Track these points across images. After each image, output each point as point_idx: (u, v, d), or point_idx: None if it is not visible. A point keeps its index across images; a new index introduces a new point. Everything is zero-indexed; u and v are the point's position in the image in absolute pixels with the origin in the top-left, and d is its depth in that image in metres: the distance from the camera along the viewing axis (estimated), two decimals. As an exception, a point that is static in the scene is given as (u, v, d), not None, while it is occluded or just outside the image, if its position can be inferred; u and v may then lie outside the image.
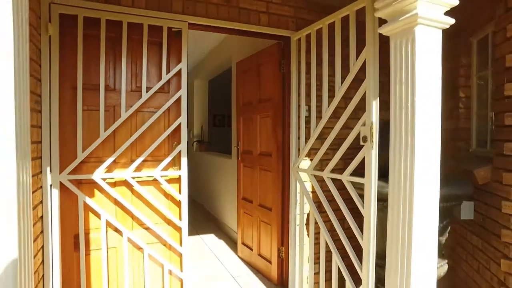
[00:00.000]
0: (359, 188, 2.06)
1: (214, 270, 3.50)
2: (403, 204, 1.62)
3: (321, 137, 2.52)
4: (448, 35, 2.49)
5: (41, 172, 2.01)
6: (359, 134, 2.04)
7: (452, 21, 1.55)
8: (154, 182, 2.41)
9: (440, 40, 1.55)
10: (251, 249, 3.56)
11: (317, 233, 2.62)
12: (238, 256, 3.82)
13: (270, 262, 3.20)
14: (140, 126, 2.34)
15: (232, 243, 4.23)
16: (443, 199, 2.20)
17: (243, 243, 3.75)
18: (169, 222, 2.48)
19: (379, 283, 2.09)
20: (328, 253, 2.47)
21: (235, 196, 4.08)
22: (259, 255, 3.40)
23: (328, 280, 2.52)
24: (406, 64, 1.56)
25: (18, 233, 0.91)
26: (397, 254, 1.67)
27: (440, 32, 1.56)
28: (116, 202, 2.32)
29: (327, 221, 2.48)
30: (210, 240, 4.44)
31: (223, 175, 4.80)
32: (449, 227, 2.36)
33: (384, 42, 1.86)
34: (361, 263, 2.05)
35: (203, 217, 5.57)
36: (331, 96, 2.36)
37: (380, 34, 1.78)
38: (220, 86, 6.13)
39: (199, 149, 6.17)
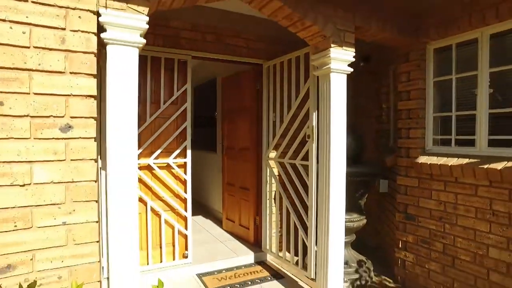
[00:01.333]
0: (305, 167, 3.21)
1: (206, 237, 4.57)
2: (325, 176, 2.77)
3: (283, 136, 3.65)
4: (377, 64, 3.74)
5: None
6: (305, 133, 3.19)
7: (349, 70, 2.72)
8: (167, 167, 3.45)
9: (345, 80, 2.72)
10: (234, 222, 4.66)
11: (279, 203, 3.75)
12: (223, 229, 4.90)
13: (248, 228, 4.31)
14: (158, 128, 3.38)
15: (217, 221, 5.30)
16: (361, 174, 3.41)
17: (227, 218, 4.85)
18: (177, 195, 3.53)
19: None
20: (288, 215, 3.60)
21: (219, 184, 5.16)
22: (240, 225, 4.51)
23: (287, 235, 3.65)
24: (326, 92, 2.71)
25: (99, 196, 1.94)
26: (321, 206, 2.82)
27: (345, 76, 2.72)
28: (140, 180, 3.34)
29: (288, 196, 3.61)
30: (199, 219, 5.49)
31: (209, 168, 5.86)
32: (367, 194, 3.57)
33: (319, 76, 3.01)
34: (307, 215, 3.20)
35: (193, 205, 6.58)
36: (289, 107, 3.50)
37: (315, 72, 2.93)
38: (204, 92, 7.14)
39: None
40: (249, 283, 3.43)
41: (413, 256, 3.32)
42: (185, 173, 3.53)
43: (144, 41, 1.91)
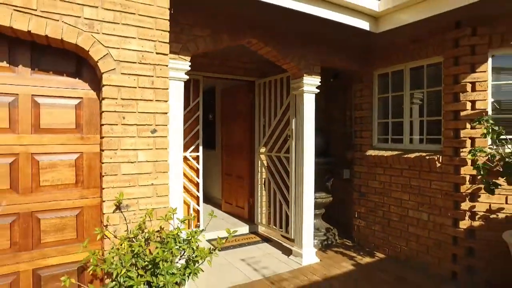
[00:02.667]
0: (287, 159, 4.45)
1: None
2: (300, 164, 4.01)
3: (270, 136, 4.87)
4: (344, 81, 4.96)
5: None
6: (287, 134, 4.42)
7: (316, 91, 3.97)
8: (185, 158, 4.61)
9: (314, 97, 3.96)
10: (231, 204, 5.86)
11: (268, 187, 4.98)
12: (223, 211, 6.09)
13: (243, 208, 5.52)
14: (178, 129, 4.53)
15: (217, 206, 6.47)
16: (327, 163, 4.69)
17: (226, 202, 6.04)
18: (191, 180, 4.70)
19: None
20: (275, 195, 4.83)
21: (218, 176, 6.34)
22: (237, 206, 5.71)
23: (274, 211, 4.88)
24: (301, 106, 3.95)
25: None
26: (298, 187, 4.06)
27: (314, 94, 3.97)
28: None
29: (275, 181, 4.84)
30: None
31: (209, 162, 7.02)
32: (332, 179, 4.84)
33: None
34: (289, 193, 4.44)
35: (192, 194, 7.72)
36: (275, 114, 4.73)
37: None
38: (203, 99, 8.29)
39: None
40: (246, 244, 4.64)
41: (364, 222, 4.62)
42: (198, 163, 4.71)
43: (187, 77, 3.10)
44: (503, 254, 3.02)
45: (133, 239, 2.41)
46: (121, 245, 2.34)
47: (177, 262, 2.36)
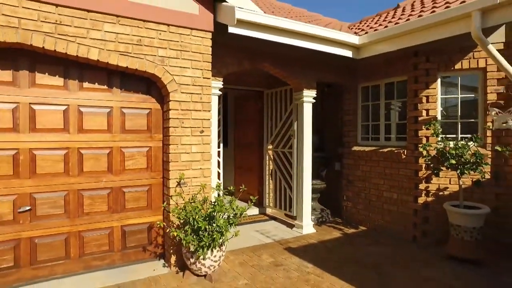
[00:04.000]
0: (290, 153, 5.67)
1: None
2: (301, 157, 5.23)
3: (277, 135, 6.09)
4: (336, 90, 6.21)
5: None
6: (290, 134, 5.64)
7: (313, 100, 5.20)
8: (209, 153, 5.82)
9: (311, 105, 5.19)
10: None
11: (274, 177, 6.19)
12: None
13: (253, 195, 6.73)
14: (204, 130, 5.75)
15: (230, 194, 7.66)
16: (322, 157, 5.93)
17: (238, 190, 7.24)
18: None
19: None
20: (280, 183, 6.04)
21: (230, 169, 7.52)
22: (247, 193, 6.91)
23: (279, 196, 6.09)
24: (301, 112, 5.17)
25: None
26: (299, 176, 5.28)
27: (311, 104, 5.19)
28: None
29: (280, 171, 6.05)
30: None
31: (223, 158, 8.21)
32: (326, 170, 6.06)
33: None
34: (291, 180, 5.66)
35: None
36: (281, 118, 5.95)
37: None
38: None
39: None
40: (258, 221, 5.86)
41: (351, 203, 5.85)
42: (219, 157, 5.92)
43: (220, 92, 4.32)
44: (446, 218, 4.25)
45: (191, 203, 3.61)
46: (184, 207, 3.54)
47: (221, 217, 3.56)
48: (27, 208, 3.26)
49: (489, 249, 4.10)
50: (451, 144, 4.17)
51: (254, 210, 6.39)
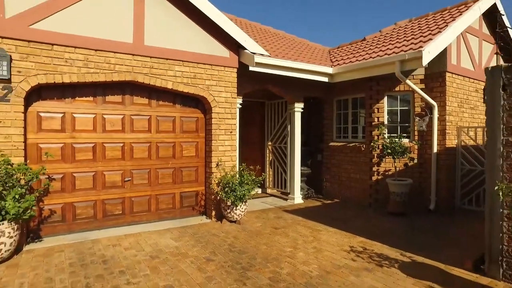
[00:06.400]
0: (285, 147, 7.87)
1: (234, 185, 9.12)
2: (293, 150, 7.44)
3: (275, 134, 8.29)
4: (320, 101, 8.44)
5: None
6: (285, 133, 7.84)
7: (301, 110, 7.43)
8: (226, 148, 8.00)
9: (300, 113, 7.41)
10: (248, 178, 9.25)
11: (273, 166, 8.38)
12: (241, 183, 9.47)
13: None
14: (222, 131, 7.92)
15: (236, 181, 9.82)
16: (307, 150, 8.18)
17: (244, 177, 9.43)
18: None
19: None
20: (277, 169, 8.24)
21: (240, 161, 9.69)
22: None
23: (277, 179, 8.28)
24: (293, 118, 7.39)
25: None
26: (291, 164, 7.50)
27: (300, 112, 7.42)
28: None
29: (278, 161, 8.26)
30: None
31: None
32: (311, 160, 8.30)
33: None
34: (286, 167, 7.87)
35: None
36: (278, 122, 8.15)
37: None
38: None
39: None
40: (261, 197, 8.06)
41: (329, 184, 8.11)
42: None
43: (240, 106, 6.49)
44: (388, 189, 6.49)
45: (226, 177, 5.76)
46: (221, 179, 5.68)
47: (245, 184, 5.70)
48: (128, 179, 5.36)
49: (412, 207, 6.40)
50: (388, 140, 6.44)
51: (258, 190, 8.58)
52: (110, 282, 3.37)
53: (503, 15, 7.23)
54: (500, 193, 2.99)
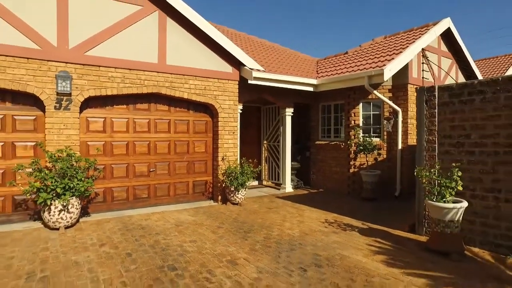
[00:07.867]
0: (278, 145, 9.32)
1: (235, 178, 10.56)
2: (284, 148, 8.88)
3: (269, 134, 9.72)
4: (309, 106, 9.93)
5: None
6: (278, 133, 9.28)
7: (291, 114, 8.88)
8: (228, 146, 9.43)
9: (291, 117, 8.85)
10: (247, 172, 10.70)
11: (268, 161, 9.82)
12: (241, 176, 10.92)
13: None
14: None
15: (236, 175, 11.26)
16: (298, 148, 9.64)
17: (243, 171, 10.88)
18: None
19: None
20: (272, 164, 9.68)
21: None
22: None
23: (272, 173, 9.72)
24: (285, 121, 8.82)
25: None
26: (283, 160, 8.95)
27: (291, 116, 8.86)
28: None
29: (272, 157, 9.69)
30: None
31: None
32: (300, 156, 9.75)
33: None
34: (280, 162, 9.31)
35: (217, 171, 12.49)
36: (272, 123, 9.59)
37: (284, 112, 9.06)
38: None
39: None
40: (258, 187, 9.50)
41: (315, 176, 9.56)
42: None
43: (241, 111, 7.92)
44: (362, 180, 7.94)
45: (230, 168, 7.18)
46: (226, 170, 7.10)
47: (245, 173, 7.12)
48: (153, 169, 6.77)
49: (381, 193, 7.87)
50: (361, 139, 7.89)
51: (255, 182, 10.02)
52: (151, 239, 4.80)
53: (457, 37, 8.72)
54: (420, 175, 4.44)
